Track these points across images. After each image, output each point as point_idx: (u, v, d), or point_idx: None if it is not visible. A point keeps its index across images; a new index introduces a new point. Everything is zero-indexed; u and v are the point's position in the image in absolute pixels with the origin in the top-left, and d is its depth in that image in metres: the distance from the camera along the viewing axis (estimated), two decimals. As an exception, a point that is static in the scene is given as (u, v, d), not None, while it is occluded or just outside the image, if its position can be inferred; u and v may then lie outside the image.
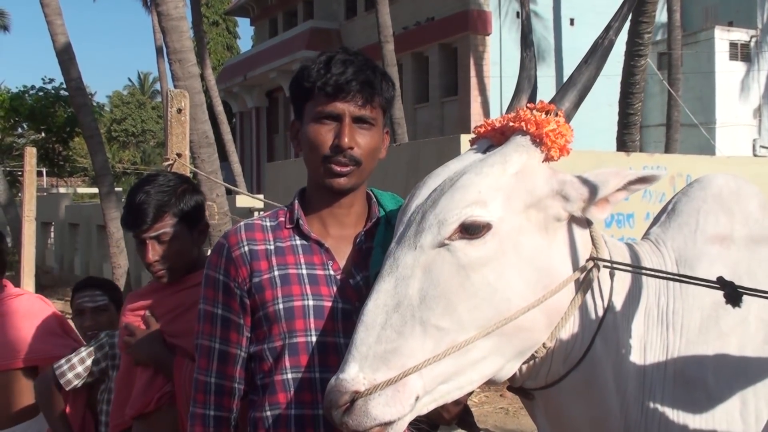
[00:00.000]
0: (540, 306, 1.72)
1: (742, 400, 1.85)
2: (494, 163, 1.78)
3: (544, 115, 1.81)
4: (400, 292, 1.68)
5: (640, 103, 13.65)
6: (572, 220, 1.83)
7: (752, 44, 25.95)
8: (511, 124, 1.85)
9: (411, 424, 1.72)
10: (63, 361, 3.07)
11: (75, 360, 3.04)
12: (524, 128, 1.81)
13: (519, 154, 1.79)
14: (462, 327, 1.66)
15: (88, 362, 3.04)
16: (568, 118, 1.84)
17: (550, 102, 1.85)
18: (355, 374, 1.60)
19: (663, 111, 21.44)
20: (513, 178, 1.76)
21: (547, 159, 1.82)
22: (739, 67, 25.65)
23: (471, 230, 1.70)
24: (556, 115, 1.82)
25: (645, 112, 20.27)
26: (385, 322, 1.65)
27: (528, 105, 1.87)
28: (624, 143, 13.48)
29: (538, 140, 1.80)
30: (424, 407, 1.68)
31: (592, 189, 1.77)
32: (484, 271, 1.69)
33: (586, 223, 1.87)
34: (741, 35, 25.81)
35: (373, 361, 1.62)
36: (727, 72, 25.21)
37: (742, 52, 25.74)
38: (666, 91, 20.08)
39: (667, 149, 18.65)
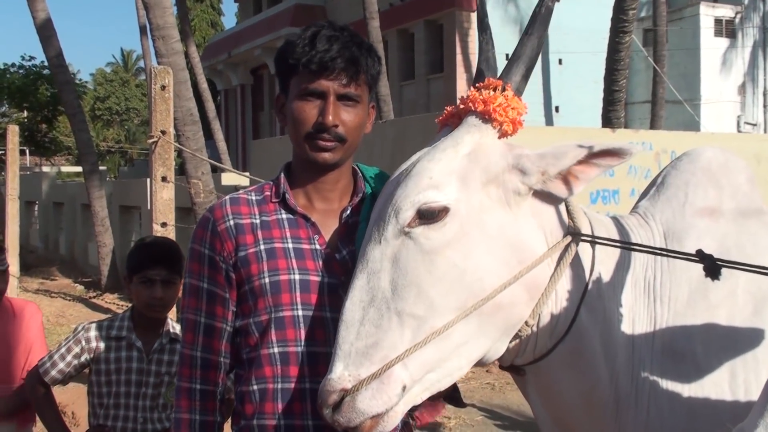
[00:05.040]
0: (518, 281, 1.73)
1: (731, 372, 1.85)
2: (446, 147, 1.80)
3: (492, 92, 1.81)
4: (373, 286, 1.70)
5: (625, 79, 13.67)
6: (541, 195, 1.81)
7: (737, 20, 25.97)
8: (461, 106, 1.86)
9: None
10: (46, 358, 3.06)
11: (56, 357, 3.03)
12: (472, 108, 1.82)
13: (471, 135, 1.81)
14: (437, 312, 1.68)
15: (68, 357, 3.01)
16: (518, 91, 1.85)
17: (498, 78, 1.86)
18: (340, 373, 1.64)
19: (648, 88, 21.47)
20: (466, 158, 1.77)
21: (503, 134, 1.82)
22: (724, 43, 25.67)
23: (428, 215, 1.71)
24: (504, 89, 1.82)
25: (630, 88, 20.30)
26: (362, 317, 1.68)
27: (477, 84, 1.87)
28: (609, 120, 13.52)
29: (487, 117, 1.80)
30: (417, 397, 1.70)
31: (549, 162, 1.76)
32: (447, 253, 1.70)
33: (560, 198, 1.84)
34: (726, 11, 25.82)
35: (356, 358, 1.65)
36: (711, 48, 25.23)
37: (726, 29, 25.76)
38: (651, 68, 20.10)
39: (652, 126, 18.71)
